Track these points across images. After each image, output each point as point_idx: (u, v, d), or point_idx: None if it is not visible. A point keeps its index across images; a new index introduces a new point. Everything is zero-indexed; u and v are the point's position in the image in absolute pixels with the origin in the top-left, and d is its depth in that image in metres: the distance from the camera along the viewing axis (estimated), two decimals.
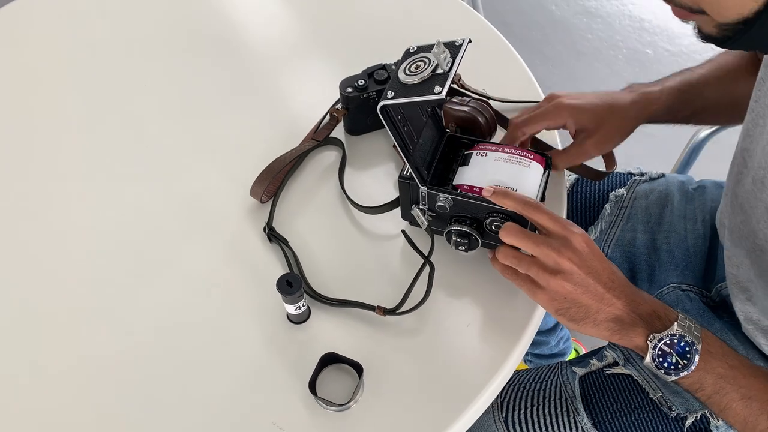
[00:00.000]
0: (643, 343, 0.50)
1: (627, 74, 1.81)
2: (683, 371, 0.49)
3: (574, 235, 0.51)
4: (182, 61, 0.81)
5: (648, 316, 0.50)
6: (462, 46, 0.52)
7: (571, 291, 0.50)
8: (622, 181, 0.82)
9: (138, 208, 0.66)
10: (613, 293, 0.50)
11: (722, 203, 0.65)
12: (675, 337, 0.49)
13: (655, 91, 0.65)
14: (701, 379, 0.50)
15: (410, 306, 0.54)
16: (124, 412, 0.52)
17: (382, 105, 0.51)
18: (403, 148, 0.54)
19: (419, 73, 0.51)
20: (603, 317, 0.50)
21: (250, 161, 0.66)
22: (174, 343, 0.56)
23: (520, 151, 0.57)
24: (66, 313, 0.59)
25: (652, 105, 0.64)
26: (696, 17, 0.45)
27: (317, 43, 0.83)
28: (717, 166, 1.54)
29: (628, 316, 0.50)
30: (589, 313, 0.50)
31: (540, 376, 0.69)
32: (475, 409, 0.52)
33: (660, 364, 0.49)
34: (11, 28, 0.86)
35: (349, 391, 0.52)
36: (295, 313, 0.55)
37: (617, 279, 0.51)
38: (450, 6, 0.86)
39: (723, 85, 0.68)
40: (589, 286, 0.50)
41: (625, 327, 0.50)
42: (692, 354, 0.49)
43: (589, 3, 2.01)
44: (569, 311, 0.51)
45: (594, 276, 0.50)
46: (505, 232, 0.53)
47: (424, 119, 0.58)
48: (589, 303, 0.50)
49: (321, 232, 0.63)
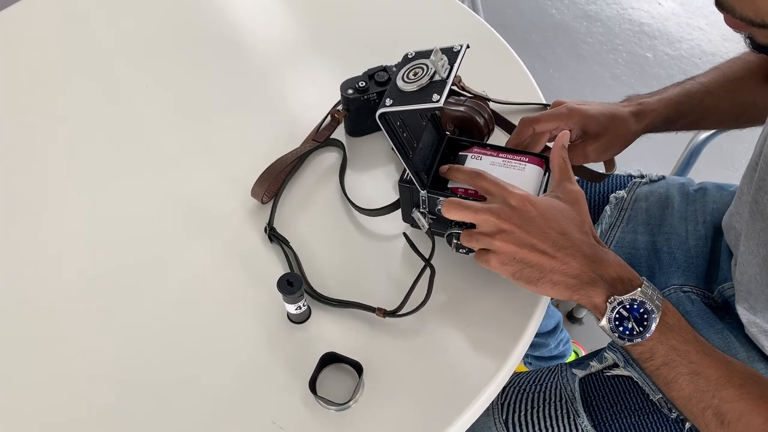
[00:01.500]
0: (602, 303, 0.49)
1: (627, 78, 1.81)
2: (638, 338, 0.48)
3: (512, 194, 0.51)
4: (184, 62, 0.81)
5: (611, 279, 0.49)
6: (460, 52, 0.52)
7: (515, 250, 0.50)
8: (623, 182, 0.82)
9: (139, 208, 0.66)
10: (566, 252, 0.49)
11: (735, 207, 0.65)
12: (636, 302, 0.48)
13: (652, 103, 0.65)
14: (653, 349, 0.49)
15: (410, 308, 0.55)
16: (124, 411, 0.53)
17: (380, 113, 0.51)
18: (403, 154, 0.54)
19: (417, 80, 0.51)
20: (559, 277, 0.49)
21: (251, 162, 0.66)
22: (175, 342, 0.56)
23: (515, 155, 0.58)
24: (66, 313, 0.59)
25: (650, 116, 0.65)
26: (752, 29, 0.45)
27: (318, 45, 0.83)
28: (716, 169, 1.55)
29: (586, 274, 0.49)
30: (543, 272, 0.50)
31: (540, 379, 0.69)
32: (474, 410, 0.52)
33: (615, 327, 0.49)
34: (12, 31, 0.87)
35: (349, 391, 0.52)
36: (296, 312, 0.55)
37: (570, 239, 0.50)
38: (450, 8, 0.87)
39: (726, 93, 0.68)
40: (535, 244, 0.49)
41: (584, 285, 0.49)
42: (649, 322, 0.48)
43: (589, 7, 2.01)
44: (523, 272, 0.50)
45: (537, 234, 0.50)
46: (446, 208, 0.53)
47: (424, 123, 0.58)
48: (541, 262, 0.49)
49: (321, 232, 0.63)
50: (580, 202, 0.54)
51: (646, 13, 1.99)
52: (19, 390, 0.54)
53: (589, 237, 0.52)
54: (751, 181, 0.60)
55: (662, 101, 0.66)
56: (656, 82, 1.80)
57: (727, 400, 0.47)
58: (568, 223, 0.51)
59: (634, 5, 2.01)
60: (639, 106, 0.65)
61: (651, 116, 0.65)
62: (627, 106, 0.65)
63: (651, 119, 0.65)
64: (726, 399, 0.47)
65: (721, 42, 1.91)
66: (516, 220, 0.50)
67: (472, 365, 0.54)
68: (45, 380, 0.55)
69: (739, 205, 0.64)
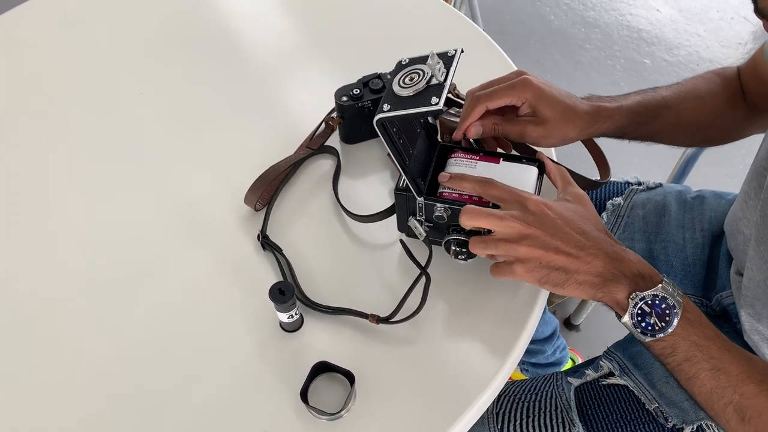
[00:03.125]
0: (625, 300, 0.49)
1: (625, 84, 1.82)
2: (660, 333, 0.49)
3: (528, 200, 0.51)
4: (178, 68, 0.81)
5: (632, 275, 0.50)
6: (455, 56, 0.52)
7: (542, 255, 0.50)
8: (619, 189, 0.81)
9: (131, 214, 0.66)
10: (589, 252, 0.50)
11: (741, 212, 0.64)
12: (657, 298, 0.49)
13: (609, 108, 0.63)
14: (675, 344, 0.49)
15: (404, 315, 0.54)
16: (116, 418, 0.52)
17: (378, 118, 0.51)
18: (400, 161, 0.53)
19: (414, 85, 0.51)
20: (584, 277, 0.49)
21: (245, 169, 0.66)
22: (166, 350, 0.56)
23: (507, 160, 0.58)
24: (58, 320, 0.58)
25: (603, 122, 0.63)
26: None
27: (313, 52, 0.83)
28: (713, 176, 1.55)
29: (610, 272, 0.49)
30: (569, 274, 0.50)
31: (535, 387, 0.69)
32: (469, 418, 0.52)
33: (638, 323, 0.49)
34: (10, 36, 0.87)
35: (340, 400, 0.52)
36: (288, 321, 0.55)
37: (591, 238, 0.51)
38: (445, 15, 0.87)
39: (685, 110, 0.67)
40: (559, 247, 0.49)
41: (608, 282, 0.49)
42: (671, 317, 0.49)
43: (588, 13, 2.02)
44: (550, 277, 0.50)
45: (560, 237, 0.50)
46: (466, 216, 0.52)
47: (418, 130, 0.58)
48: (566, 264, 0.49)
49: (315, 240, 0.63)
50: (588, 203, 0.54)
51: (645, 20, 1.99)
52: (13, 393, 0.54)
53: (606, 235, 0.52)
54: (760, 185, 0.60)
55: (620, 110, 0.64)
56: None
57: (748, 396, 0.47)
58: (585, 222, 0.52)
59: (632, 12, 2.02)
60: (597, 109, 0.63)
61: (606, 123, 0.63)
62: (586, 104, 0.63)
63: (605, 126, 0.64)
64: (747, 395, 0.47)
65: (719, 48, 1.92)
66: (538, 224, 0.50)
67: (466, 373, 0.54)
68: (37, 386, 0.54)
69: (745, 209, 0.63)
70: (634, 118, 0.65)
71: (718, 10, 2.03)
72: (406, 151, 0.55)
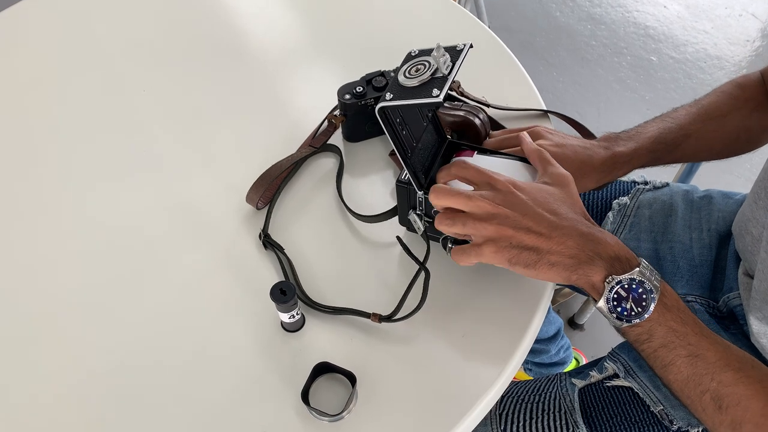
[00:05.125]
0: (600, 283, 0.48)
1: (631, 81, 1.80)
2: (636, 318, 0.47)
3: (497, 180, 0.50)
4: (180, 66, 0.81)
5: (608, 258, 0.48)
6: (463, 51, 0.51)
7: (512, 234, 0.48)
8: (626, 189, 0.81)
9: (132, 213, 0.66)
10: (562, 232, 0.48)
11: (750, 213, 0.63)
12: (634, 282, 0.47)
13: (626, 154, 0.63)
14: (651, 330, 0.48)
15: (406, 312, 0.54)
16: (116, 418, 0.52)
17: (380, 107, 0.51)
18: (401, 152, 0.53)
19: (419, 76, 0.50)
20: (556, 257, 0.48)
21: (247, 167, 0.65)
22: (167, 350, 0.56)
23: None
24: (58, 320, 0.58)
25: (621, 168, 0.63)
26: None
27: (316, 50, 0.82)
28: (719, 175, 1.53)
29: (584, 253, 0.48)
30: (540, 254, 0.48)
31: (539, 388, 0.68)
32: (472, 419, 0.51)
33: (613, 308, 0.47)
34: (7, 34, 0.87)
35: (342, 401, 0.51)
36: (289, 321, 0.54)
37: (564, 218, 0.49)
38: (450, 12, 0.86)
39: (706, 134, 0.66)
40: (531, 227, 0.48)
41: (582, 264, 0.48)
42: (648, 302, 0.47)
43: (594, 10, 2.00)
44: (521, 257, 0.49)
45: (531, 217, 0.49)
46: (434, 194, 0.51)
47: (425, 124, 0.57)
48: (537, 244, 0.48)
49: (316, 239, 0.62)
50: (570, 185, 0.53)
51: (651, 17, 1.97)
52: (13, 394, 0.54)
53: (583, 217, 0.51)
54: None
55: (637, 152, 0.63)
56: (660, 86, 1.79)
57: (725, 384, 0.46)
58: (560, 204, 0.50)
59: (639, 8, 2.00)
60: (612, 159, 0.62)
61: (623, 168, 0.63)
62: (602, 155, 0.63)
63: (622, 171, 0.64)
64: (724, 382, 0.46)
65: (727, 45, 1.90)
66: (508, 204, 0.49)
67: (469, 374, 0.53)
68: (37, 384, 0.54)
69: (755, 210, 0.62)
70: (652, 155, 0.64)
71: (726, 7, 2.01)
72: (408, 143, 0.54)
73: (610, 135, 0.65)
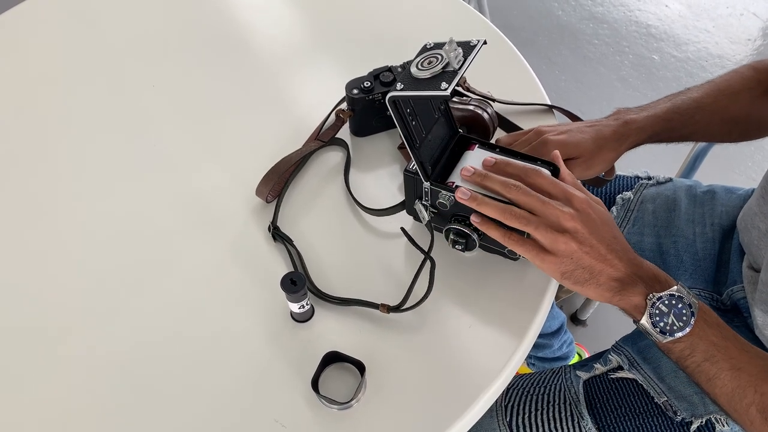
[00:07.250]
0: (642, 302, 0.50)
1: (633, 80, 1.81)
2: (679, 332, 0.49)
3: (575, 196, 0.52)
4: (190, 61, 0.81)
5: (649, 279, 0.51)
6: (476, 46, 0.52)
7: (576, 250, 0.50)
8: (629, 184, 0.81)
9: (144, 207, 0.66)
10: (615, 255, 0.51)
11: (758, 207, 0.64)
12: (674, 297, 0.49)
13: (639, 120, 0.64)
14: (693, 345, 0.50)
15: (413, 302, 0.54)
16: (128, 407, 0.53)
17: (390, 96, 0.51)
18: (410, 142, 0.54)
19: (431, 69, 0.51)
20: (605, 278, 0.50)
21: (256, 161, 0.66)
22: (178, 340, 0.56)
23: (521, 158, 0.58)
24: (71, 312, 0.59)
25: (634, 135, 0.64)
26: None
27: (324, 44, 0.83)
28: (722, 171, 1.54)
29: (629, 276, 0.50)
30: (592, 274, 0.50)
31: (543, 380, 0.69)
32: (477, 410, 0.52)
33: (656, 323, 0.49)
34: (17, 31, 0.87)
35: (351, 390, 0.52)
36: (299, 311, 0.55)
37: (619, 242, 0.52)
38: (457, 9, 0.87)
39: (719, 108, 0.67)
40: (594, 246, 0.50)
41: (626, 287, 0.50)
42: (689, 317, 0.49)
43: (596, 8, 2.01)
44: (574, 273, 0.51)
45: (597, 236, 0.51)
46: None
47: (436, 116, 0.58)
48: (593, 264, 0.50)
49: (325, 231, 0.63)
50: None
51: (653, 15, 1.98)
52: (23, 386, 0.54)
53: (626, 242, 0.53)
54: None
55: (650, 118, 0.65)
56: (662, 84, 1.80)
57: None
58: (615, 227, 0.53)
59: (640, 7, 2.01)
60: (625, 126, 0.64)
61: (636, 135, 0.64)
62: (611, 125, 0.64)
63: (636, 138, 0.64)
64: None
65: (728, 44, 1.90)
66: (580, 220, 0.51)
67: (475, 365, 0.54)
68: (49, 376, 0.55)
69: (762, 205, 0.63)
70: (667, 124, 0.65)
71: (727, 6, 2.01)
72: (418, 134, 0.55)
73: (620, 109, 0.67)
